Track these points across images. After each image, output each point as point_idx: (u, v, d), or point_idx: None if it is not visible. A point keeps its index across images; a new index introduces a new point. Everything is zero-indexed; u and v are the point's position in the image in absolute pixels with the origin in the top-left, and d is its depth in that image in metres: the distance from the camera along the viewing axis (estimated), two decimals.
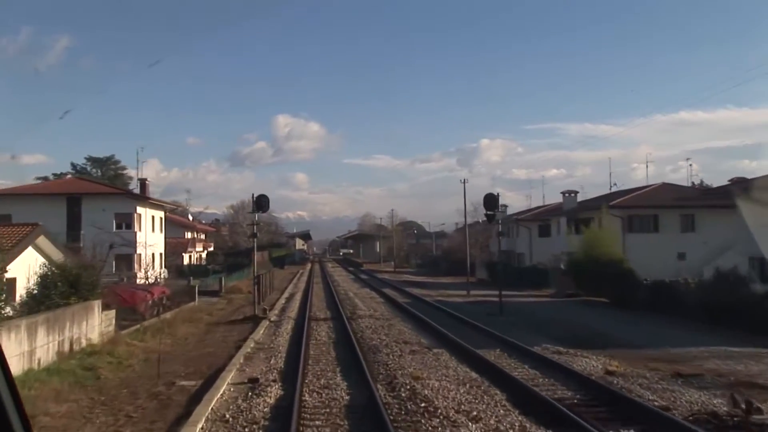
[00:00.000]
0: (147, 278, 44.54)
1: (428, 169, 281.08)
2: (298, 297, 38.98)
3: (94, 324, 18.03)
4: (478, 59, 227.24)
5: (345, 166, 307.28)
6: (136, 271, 44.96)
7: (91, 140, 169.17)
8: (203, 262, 74.59)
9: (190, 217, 76.22)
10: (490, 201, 28.40)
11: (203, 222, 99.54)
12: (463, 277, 63.49)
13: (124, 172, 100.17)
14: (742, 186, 34.59)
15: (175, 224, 71.07)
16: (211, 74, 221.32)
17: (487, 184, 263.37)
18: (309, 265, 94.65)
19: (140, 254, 46.76)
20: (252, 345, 18.38)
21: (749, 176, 44.85)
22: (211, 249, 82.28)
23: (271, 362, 15.50)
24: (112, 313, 20.02)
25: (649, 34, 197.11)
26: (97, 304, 18.47)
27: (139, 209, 47.02)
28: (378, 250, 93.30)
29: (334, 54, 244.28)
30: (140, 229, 46.93)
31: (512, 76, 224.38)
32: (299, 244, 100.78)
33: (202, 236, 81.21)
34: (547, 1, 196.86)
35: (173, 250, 65.39)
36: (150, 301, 27.28)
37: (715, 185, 58.33)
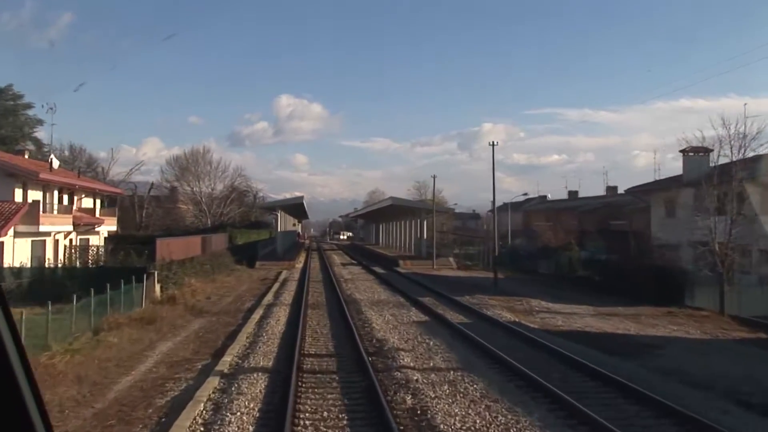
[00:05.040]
0: None
1: (428, 153, 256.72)
2: None
3: None
4: (480, 43, 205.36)
5: (344, 148, 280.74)
6: None
7: (92, 117, 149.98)
8: (101, 253, 35.42)
9: (56, 166, 36.96)
10: None
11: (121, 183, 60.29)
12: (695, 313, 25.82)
13: (29, 113, 62.23)
14: None
15: None
16: (216, 53, 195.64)
17: (487, 168, 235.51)
18: (302, 259, 55.39)
19: None
20: None
21: None
22: (114, 229, 43.07)
23: None
24: None
25: (650, 20, 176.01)
26: None
27: None
28: (420, 235, 53.88)
29: (340, 36, 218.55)
30: None
31: (512, 60, 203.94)
32: (283, 221, 60.87)
33: (91, 203, 41.80)
34: None
35: None
36: None
37: None
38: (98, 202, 42.58)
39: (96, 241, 40.09)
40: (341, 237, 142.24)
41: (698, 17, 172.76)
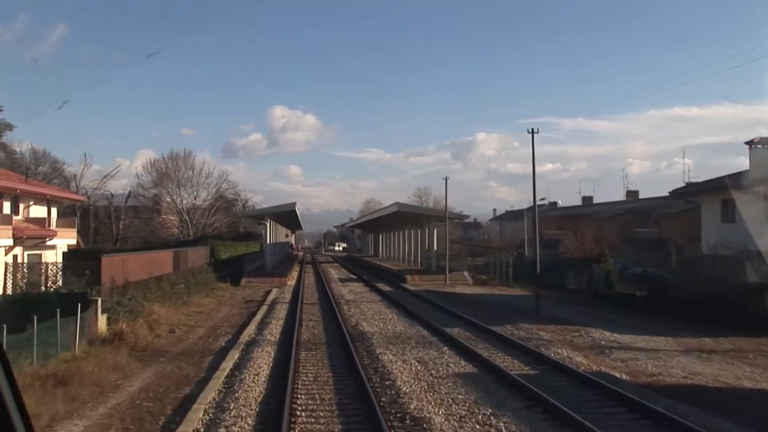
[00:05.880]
0: None
1: (422, 163, 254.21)
2: None
3: None
4: (474, 52, 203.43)
5: (338, 158, 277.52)
6: None
7: (86, 130, 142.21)
8: (52, 273, 28.83)
9: None
10: None
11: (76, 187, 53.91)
12: None
13: None
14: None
15: None
16: (210, 64, 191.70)
17: (481, 177, 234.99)
18: (295, 274, 49.12)
19: None
20: None
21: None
22: (73, 242, 36.69)
23: None
24: None
25: (644, 29, 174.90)
26: None
27: None
28: (429, 246, 47.56)
29: (333, 46, 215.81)
30: None
31: (506, 69, 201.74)
32: (274, 232, 54.24)
33: (44, 212, 35.37)
34: None
35: None
36: None
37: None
38: (54, 210, 36.24)
39: (51, 257, 33.72)
40: (336, 248, 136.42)
41: (692, 22, 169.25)
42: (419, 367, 14.36)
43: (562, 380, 13.33)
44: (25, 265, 30.59)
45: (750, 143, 30.10)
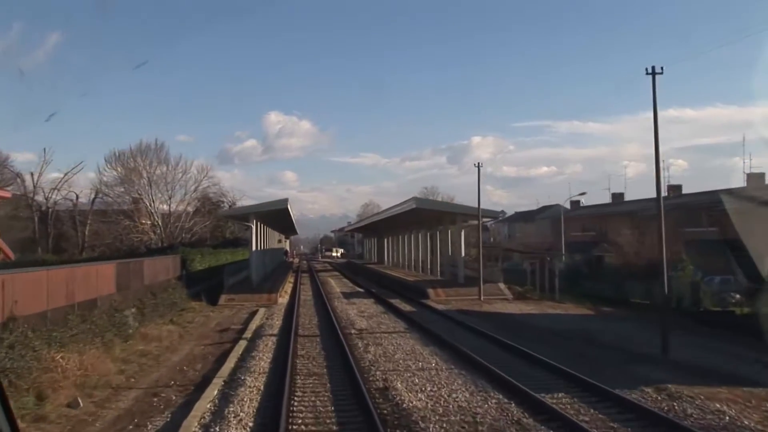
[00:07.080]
0: None
1: (417, 167, 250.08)
2: None
3: None
4: (468, 55, 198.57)
5: (333, 164, 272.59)
6: None
7: (80, 137, 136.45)
8: None
9: None
10: None
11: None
12: None
13: None
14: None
15: None
16: (204, 71, 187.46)
17: (476, 181, 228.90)
18: (288, 288, 40.54)
19: None
20: None
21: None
22: None
23: None
24: None
25: (644, 28, 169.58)
26: None
27: None
28: (451, 250, 38.65)
29: (329, 51, 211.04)
30: None
31: (503, 72, 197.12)
32: (262, 236, 45.07)
33: None
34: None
35: None
36: None
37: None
38: None
39: None
40: (333, 254, 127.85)
41: (692, 22, 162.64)
42: None
43: None
44: None
45: None
